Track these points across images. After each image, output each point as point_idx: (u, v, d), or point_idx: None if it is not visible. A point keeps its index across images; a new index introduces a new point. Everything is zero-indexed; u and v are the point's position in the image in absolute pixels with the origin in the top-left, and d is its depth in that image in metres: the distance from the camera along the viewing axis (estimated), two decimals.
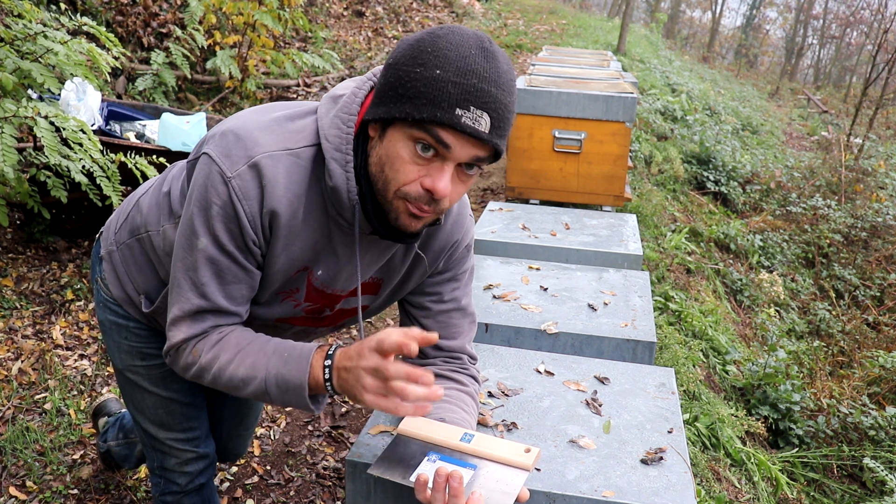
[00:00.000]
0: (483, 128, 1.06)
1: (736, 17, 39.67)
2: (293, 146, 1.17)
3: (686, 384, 3.16)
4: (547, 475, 1.32)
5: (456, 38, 1.08)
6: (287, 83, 6.60)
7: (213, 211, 1.15)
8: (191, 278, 1.20)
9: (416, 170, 1.10)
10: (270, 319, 1.35)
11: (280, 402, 1.20)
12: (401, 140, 1.09)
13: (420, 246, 1.33)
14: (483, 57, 1.07)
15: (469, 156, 1.09)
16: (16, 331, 2.98)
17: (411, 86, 1.06)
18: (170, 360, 1.27)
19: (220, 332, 1.23)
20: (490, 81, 1.06)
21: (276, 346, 1.20)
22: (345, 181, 1.15)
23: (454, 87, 1.04)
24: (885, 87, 10.69)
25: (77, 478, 2.31)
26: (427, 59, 1.06)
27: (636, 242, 2.77)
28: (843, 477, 3.56)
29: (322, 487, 2.41)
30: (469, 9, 11.47)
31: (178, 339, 1.23)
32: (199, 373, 1.23)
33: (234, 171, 1.14)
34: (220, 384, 1.22)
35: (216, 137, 1.18)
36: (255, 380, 1.18)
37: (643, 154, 6.47)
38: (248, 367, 1.19)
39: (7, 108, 2.66)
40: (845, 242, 6.80)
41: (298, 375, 1.16)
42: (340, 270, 1.28)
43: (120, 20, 5.70)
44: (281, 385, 1.17)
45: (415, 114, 1.05)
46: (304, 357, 1.17)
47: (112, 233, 1.48)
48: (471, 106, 1.05)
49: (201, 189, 1.17)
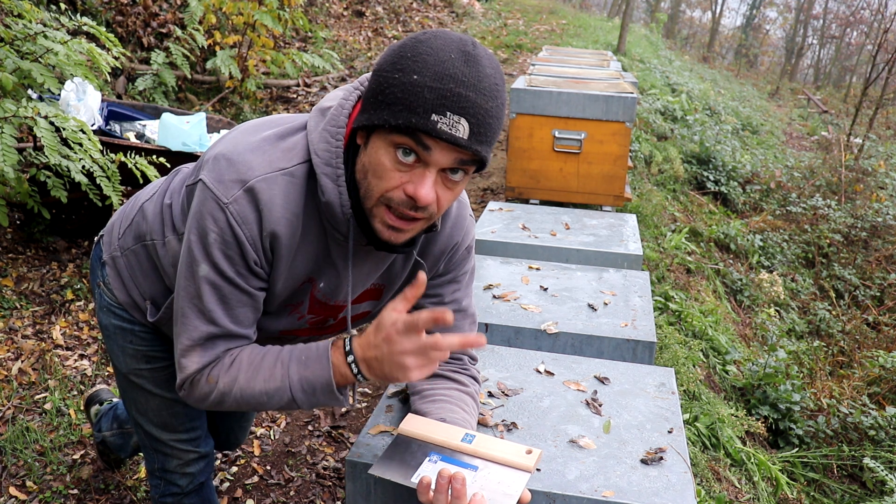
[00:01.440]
0: (461, 133, 1.04)
1: (736, 17, 39.69)
2: (287, 165, 1.16)
3: (686, 384, 3.16)
4: (547, 475, 1.32)
5: (438, 42, 1.06)
6: (287, 83, 6.60)
7: (211, 238, 1.15)
8: (196, 306, 1.19)
9: (398, 176, 1.09)
10: (275, 332, 1.35)
11: (309, 405, 1.20)
12: (382, 147, 1.08)
13: (419, 252, 1.33)
14: (463, 61, 1.05)
15: (450, 161, 1.08)
16: (16, 331, 2.98)
17: (389, 92, 1.05)
18: (185, 393, 1.24)
19: (232, 355, 1.22)
20: (469, 86, 1.04)
21: (290, 352, 1.20)
22: (337, 195, 1.15)
23: (430, 93, 1.03)
24: (885, 87, 10.69)
25: (77, 478, 2.31)
26: (406, 64, 1.05)
27: (636, 242, 2.77)
28: (843, 477, 3.56)
29: (322, 487, 2.41)
30: (469, 9, 11.47)
31: (192, 369, 1.21)
32: (220, 398, 1.21)
33: (230, 197, 1.13)
34: (245, 404, 1.21)
35: (209, 163, 1.17)
36: (280, 390, 1.18)
37: (643, 154, 6.47)
38: (269, 380, 1.18)
39: (7, 108, 2.66)
40: (845, 242, 6.80)
41: (322, 374, 1.16)
42: (341, 283, 1.28)
43: (120, 20, 5.70)
44: (307, 389, 1.17)
45: (391, 120, 1.04)
46: (322, 356, 1.17)
47: (115, 237, 1.47)
48: (447, 111, 1.03)
49: (198, 217, 1.16)
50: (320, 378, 1.16)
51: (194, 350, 1.20)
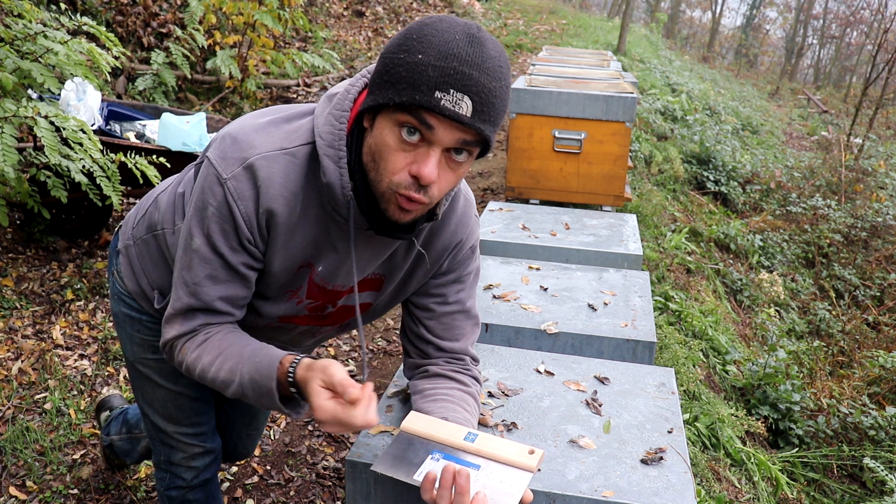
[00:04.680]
0: (464, 111, 1.05)
1: (736, 17, 39.68)
2: (289, 145, 1.18)
3: (686, 384, 3.16)
4: (547, 475, 1.32)
5: (443, 25, 1.08)
6: (287, 83, 6.60)
7: (209, 212, 1.18)
8: (184, 277, 1.23)
9: (403, 157, 1.09)
10: (274, 318, 1.35)
11: (259, 406, 1.22)
12: (387, 127, 1.10)
13: (423, 244, 1.33)
14: (467, 42, 1.06)
15: (454, 140, 1.08)
16: (16, 331, 2.98)
17: (395, 72, 1.06)
18: (166, 355, 1.31)
19: (207, 333, 1.25)
20: (472, 65, 1.05)
21: (252, 350, 1.22)
22: (338, 177, 1.16)
23: (434, 70, 1.04)
24: (885, 87, 10.69)
25: (77, 478, 2.31)
26: (411, 45, 1.06)
27: (636, 242, 2.77)
28: (843, 477, 3.56)
29: (322, 487, 2.41)
30: (469, 9, 11.48)
31: (170, 335, 1.26)
32: (188, 370, 1.27)
33: (230, 173, 1.16)
34: (207, 383, 1.25)
35: (216, 142, 1.21)
36: (234, 383, 1.20)
37: (643, 154, 6.47)
38: (227, 371, 1.21)
39: (7, 108, 2.66)
40: (845, 242, 6.80)
41: (268, 380, 1.17)
42: (340, 266, 1.29)
43: (120, 20, 5.70)
44: (256, 389, 1.19)
45: (395, 98, 1.06)
46: (273, 361, 1.18)
47: (130, 227, 1.51)
48: (450, 89, 1.04)
49: (199, 191, 1.20)
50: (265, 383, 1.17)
51: (176, 318, 1.26)
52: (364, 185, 1.17)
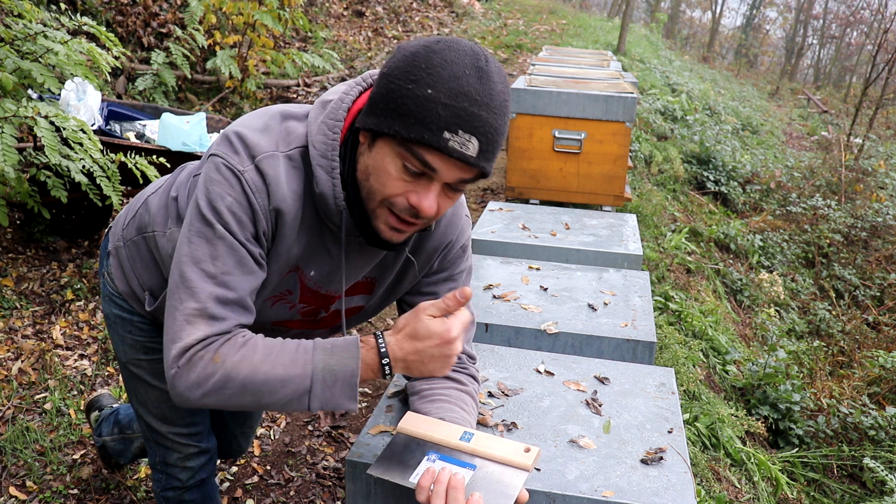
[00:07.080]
0: (471, 152, 1.06)
1: (736, 17, 39.69)
2: (285, 148, 1.18)
3: (686, 384, 3.16)
4: (547, 475, 1.32)
5: (451, 54, 1.06)
6: (287, 83, 6.59)
7: (228, 201, 1.13)
8: (204, 270, 1.13)
9: (402, 185, 1.11)
10: (267, 322, 1.35)
11: (320, 402, 1.12)
12: (388, 156, 1.10)
13: (411, 250, 1.34)
14: (477, 77, 1.05)
15: (455, 178, 1.10)
16: (16, 331, 2.98)
17: (402, 102, 1.05)
18: (176, 372, 1.11)
19: (244, 334, 1.15)
20: (482, 105, 1.05)
21: (312, 342, 1.16)
22: (331, 188, 1.16)
23: (444, 110, 1.03)
24: (885, 87, 10.69)
25: (77, 478, 2.31)
26: (420, 75, 1.05)
27: (636, 242, 2.77)
28: (843, 477, 3.56)
29: (322, 487, 2.41)
30: (469, 9, 11.47)
31: (195, 337, 1.10)
32: (222, 383, 1.10)
33: (245, 167, 1.15)
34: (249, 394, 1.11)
35: (220, 141, 1.20)
36: (300, 377, 1.10)
37: (643, 154, 6.47)
38: (289, 365, 1.11)
39: (7, 108, 2.66)
40: (845, 242, 6.80)
41: (349, 364, 1.11)
42: (333, 270, 1.29)
43: (120, 20, 5.70)
44: (328, 379, 1.11)
45: (403, 132, 1.05)
46: (350, 346, 1.13)
47: (120, 228, 1.51)
48: (459, 130, 1.04)
49: (210, 183, 1.15)
50: (346, 368, 1.11)
51: (200, 318, 1.11)
52: (356, 195, 1.18)
